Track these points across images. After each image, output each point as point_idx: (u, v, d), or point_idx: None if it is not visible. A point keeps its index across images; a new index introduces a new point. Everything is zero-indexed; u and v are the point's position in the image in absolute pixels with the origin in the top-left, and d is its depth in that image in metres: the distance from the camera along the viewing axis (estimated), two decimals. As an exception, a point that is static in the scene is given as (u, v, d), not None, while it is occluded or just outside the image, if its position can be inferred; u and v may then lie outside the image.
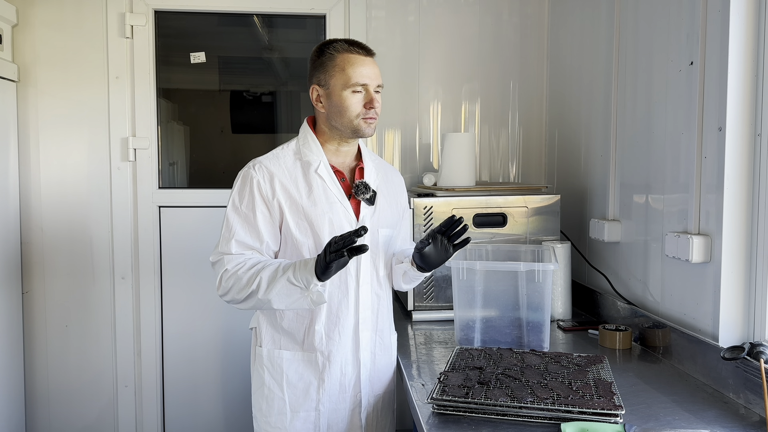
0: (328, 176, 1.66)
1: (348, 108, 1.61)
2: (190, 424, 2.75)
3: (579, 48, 2.47)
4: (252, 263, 1.58)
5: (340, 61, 1.62)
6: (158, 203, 2.67)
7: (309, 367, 1.65)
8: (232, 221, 1.63)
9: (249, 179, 1.63)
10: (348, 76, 1.60)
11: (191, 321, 2.71)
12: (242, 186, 1.64)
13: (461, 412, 1.36)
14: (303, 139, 1.71)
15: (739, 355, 1.42)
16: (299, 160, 1.67)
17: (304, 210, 1.62)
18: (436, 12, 2.76)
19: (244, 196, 1.63)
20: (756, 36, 1.50)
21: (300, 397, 1.65)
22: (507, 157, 2.85)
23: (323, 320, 1.64)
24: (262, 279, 1.53)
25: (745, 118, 1.52)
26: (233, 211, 1.63)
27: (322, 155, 1.67)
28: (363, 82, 1.61)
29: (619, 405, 1.30)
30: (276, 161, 1.67)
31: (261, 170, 1.64)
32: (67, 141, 2.61)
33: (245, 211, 1.62)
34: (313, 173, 1.65)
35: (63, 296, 2.65)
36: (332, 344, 1.64)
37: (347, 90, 1.61)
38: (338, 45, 1.64)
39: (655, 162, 1.88)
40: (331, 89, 1.63)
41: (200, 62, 2.71)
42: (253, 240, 1.62)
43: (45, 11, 2.57)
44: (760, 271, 1.51)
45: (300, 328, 1.65)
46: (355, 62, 1.62)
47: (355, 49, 1.64)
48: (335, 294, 1.64)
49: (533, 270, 1.80)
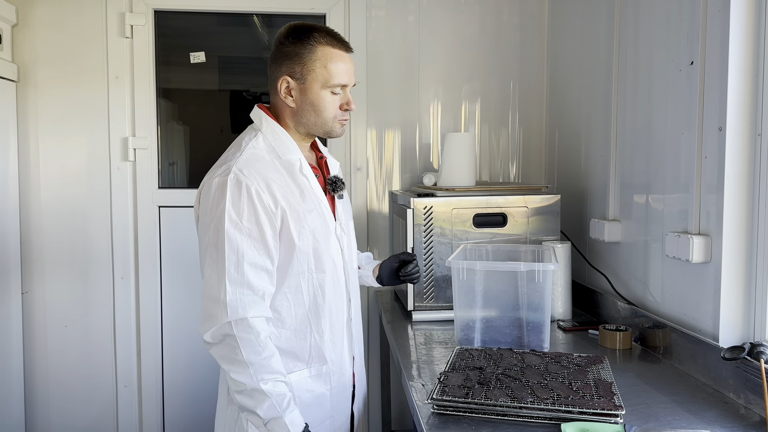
0: (311, 176, 1.54)
1: (325, 108, 1.50)
2: (190, 424, 2.75)
3: (579, 48, 2.47)
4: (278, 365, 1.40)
5: (321, 55, 1.47)
6: (158, 203, 2.67)
7: (319, 380, 1.55)
8: (237, 241, 1.38)
9: (244, 189, 1.40)
10: (330, 74, 1.47)
11: (191, 321, 2.70)
12: (235, 198, 1.39)
13: (461, 413, 1.36)
14: (272, 134, 1.52)
15: (739, 355, 1.42)
16: (277, 159, 1.50)
17: (303, 216, 1.48)
18: (436, 12, 2.76)
19: (242, 209, 1.39)
20: (756, 36, 1.50)
21: (314, 412, 1.54)
22: (507, 157, 2.85)
23: (328, 329, 1.55)
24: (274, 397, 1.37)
25: (745, 118, 1.52)
26: (234, 229, 1.38)
27: (299, 152, 1.53)
28: (344, 82, 1.50)
29: (619, 405, 1.30)
30: (261, 164, 1.46)
31: (253, 177, 1.42)
32: (67, 141, 2.61)
33: (248, 226, 1.40)
34: (298, 174, 1.51)
35: (63, 296, 2.65)
36: (336, 349, 1.58)
37: (326, 90, 1.49)
38: (318, 36, 1.48)
39: (655, 162, 1.88)
40: (307, 85, 1.48)
41: (200, 62, 2.71)
42: (265, 259, 1.41)
43: (45, 11, 2.57)
44: (760, 271, 1.50)
45: (303, 345, 1.53)
46: (338, 59, 1.49)
47: (338, 44, 1.50)
48: (332, 297, 1.56)
49: (533, 270, 1.80)
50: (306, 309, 1.52)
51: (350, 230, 1.69)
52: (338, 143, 2.71)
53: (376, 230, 2.78)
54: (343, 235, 1.61)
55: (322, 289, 1.53)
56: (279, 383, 1.39)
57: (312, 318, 1.53)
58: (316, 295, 1.53)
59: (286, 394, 1.39)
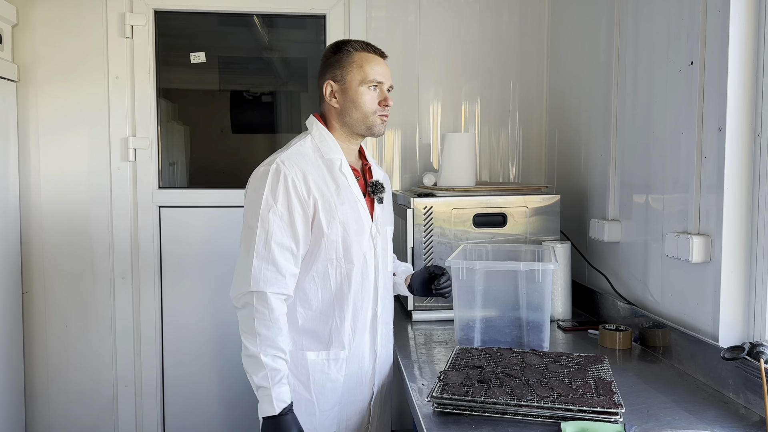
0: (350, 175, 1.68)
1: (365, 103, 1.65)
2: (190, 424, 2.75)
3: (579, 48, 2.47)
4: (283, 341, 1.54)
5: (357, 58, 1.66)
6: (158, 203, 2.67)
7: (334, 365, 1.67)
8: (269, 222, 1.54)
9: (281, 177, 1.56)
10: (365, 72, 1.65)
11: (191, 321, 2.70)
12: (274, 184, 1.56)
13: (461, 411, 1.36)
14: (319, 136, 1.69)
15: (739, 355, 1.42)
16: (320, 158, 1.66)
17: (335, 208, 1.61)
18: (436, 12, 2.76)
19: (278, 194, 1.55)
20: (756, 36, 1.50)
21: (327, 395, 1.67)
22: (507, 157, 2.85)
23: (350, 316, 1.66)
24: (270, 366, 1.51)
25: (745, 118, 1.52)
26: (269, 211, 1.55)
27: (341, 153, 1.68)
28: (379, 79, 1.66)
29: (619, 404, 1.30)
30: (302, 159, 1.62)
31: (292, 168, 1.58)
32: (67, 141, 2.61)
33: (281, 210, 1.56)
34: (337, 171, 1.65)
35: (63, 296, 2.65)
36: (356, 339, 1.68)
37: (364, 86, 1.65)
38: (355, 44, 1.68)
39: (655, 162, 1.88)
40: (347, 84, 1.65)
41: (200, 62, 2.71)
42: (290, 241, 1.57)
43: (45, 11, 2.57)
44: (760, 271, 1.51)
45: (324, 328, 1.66)
46: (372, 61, 1.67)
47: (372, 49, 1.70)
48: (359, 289, 1.67)
49: (533, 270, 1.80)
50: (332, 294, 1.65)
51: (387, 235, 1.79)
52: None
53: (376, 230, 2.78)
54: (378, 236, 1.72)
55: (348, 279, 1.65)
56: (278, 359, 1.53)
57: (337, 304, 1.65)
58: (343, 283, 1.65)
59: (281, 370, 1.53)
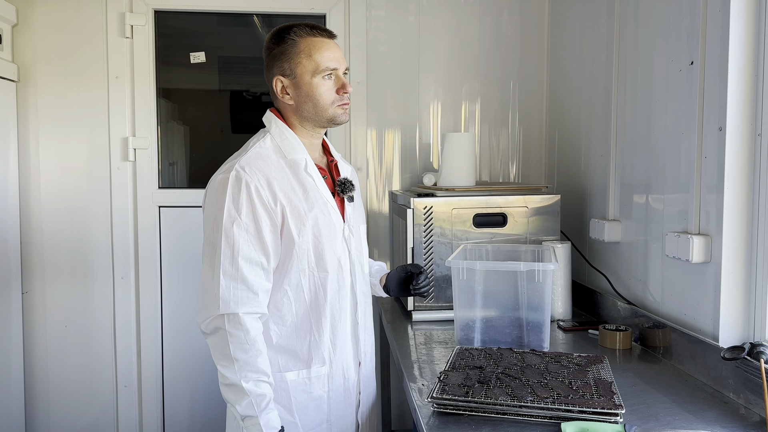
0: (316, 175, 1.55)
1: (321, 95, 1.51)
2: (190, 424, 2.75)
3: (579, 48, 2.47)
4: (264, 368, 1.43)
5: (304, 47, 1.50)
6: (158, 203, 2.67)
7: (317, 382, 1.54)
8: (234, 236, 1.40)
9: (243, 185, 1.42)
10: (316, 61, 1.50)
11: (191, 321, 2.70)
12: (235, 194, 1.42)
13: (461, 411, 1.36)
14: (279, 134, 1.55)
15: (739, 355, 1.42)
16: (283, 159, 1.52)
17: (304, 214, 1.49)
18: (436, 12, 2.76)
19: (241, 205, 1.42)
20: (756, 36, 1.50)
21: (310, 415, 1.54)
22: (507, 157, 2.85)
23: (329, 329, 1.54)
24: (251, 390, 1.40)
25: (745, 118, 1.52)
26: (232, 224, 1.41)
27: (305, 152, 1.55)
28: (333, 66, 1.51)
29: (619, 404, 1.30)
30: (264, 162, 1.48)
31: (254, 174, 1.44)
32: (67, 141, 2.61)
33: (246, 221, 1.42)
34: (303, 173, 1.52)
35: (63, 296, 2.65)
36: (337, 352, 1.56)
37: (317, 77, 1.50)
38: (298, 30, 1.52)
39: (655, 162, 1.88)
40: (298, 78, 1.51)
41: (200, 62, 2.71)
42: (260, 255, 1.44)
43: (45, 11, 2.57)
44: (760, 271, 1.50)
45: (302, 344, 1.53)
46: (321, 46, 1.51)
47: (318, 33, 1.53)
48: (335, 297, 1.56)
49: (533, 270, 1.80)
50: (307, 307, 1.53)
51: (361, 234, 1.67)
52: (338, 143, 2.71)
53: (376, 230, 2.78)
54: (351, 237, 1.61)
55: (323, 288, 1.53)
56: (261, 383, 1.42)
57: (313, 317, 1.53)
58: (318, 293, 1.53)
59: (266, 395, 1.42)
